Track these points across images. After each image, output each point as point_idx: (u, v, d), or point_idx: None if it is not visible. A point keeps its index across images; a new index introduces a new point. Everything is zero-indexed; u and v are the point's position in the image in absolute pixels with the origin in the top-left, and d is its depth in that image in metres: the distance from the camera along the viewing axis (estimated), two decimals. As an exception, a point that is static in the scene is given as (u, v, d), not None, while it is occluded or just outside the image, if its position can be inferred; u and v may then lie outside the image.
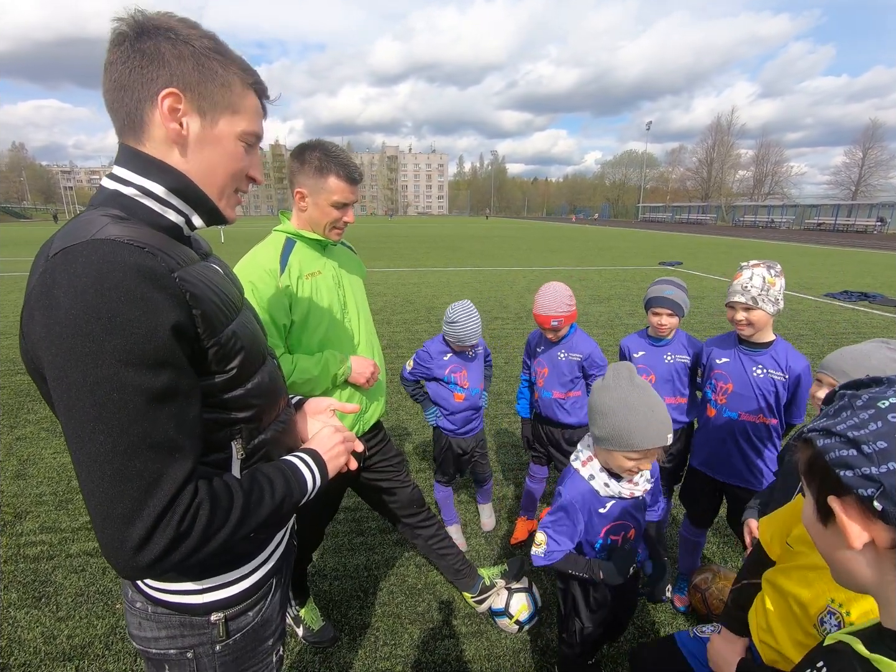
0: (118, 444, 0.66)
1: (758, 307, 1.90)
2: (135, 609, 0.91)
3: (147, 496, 0.67)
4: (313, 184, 1.63)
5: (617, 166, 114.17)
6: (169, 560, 0.69)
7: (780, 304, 1.92)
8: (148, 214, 0.80)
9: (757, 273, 1.92)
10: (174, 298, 0.71)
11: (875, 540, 0.53)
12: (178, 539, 0.69)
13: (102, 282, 0.65)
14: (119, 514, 0.66)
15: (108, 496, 0.66)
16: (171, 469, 0.69)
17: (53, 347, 0.65)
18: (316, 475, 0.93)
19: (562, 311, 2.28)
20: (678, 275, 12.83)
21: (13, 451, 3.68)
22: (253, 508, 0.80)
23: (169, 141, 0.80)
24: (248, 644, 0.96)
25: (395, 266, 14.47)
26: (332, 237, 1.74)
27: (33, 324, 0.67)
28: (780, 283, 1.92)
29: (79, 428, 0.66)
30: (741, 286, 1.93)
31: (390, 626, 2.18)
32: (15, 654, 2.02)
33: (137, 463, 0.67)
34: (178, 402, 0.71)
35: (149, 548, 0.67)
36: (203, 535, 0.72)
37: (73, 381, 0.65)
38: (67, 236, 0.70)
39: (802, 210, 47.97)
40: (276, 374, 0.99)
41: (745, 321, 1.95)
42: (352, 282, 1.88)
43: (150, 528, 0.67)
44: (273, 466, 0.89)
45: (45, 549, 2.63)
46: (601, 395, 1.44)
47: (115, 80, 0.77)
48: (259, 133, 0.89)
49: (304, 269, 1.68)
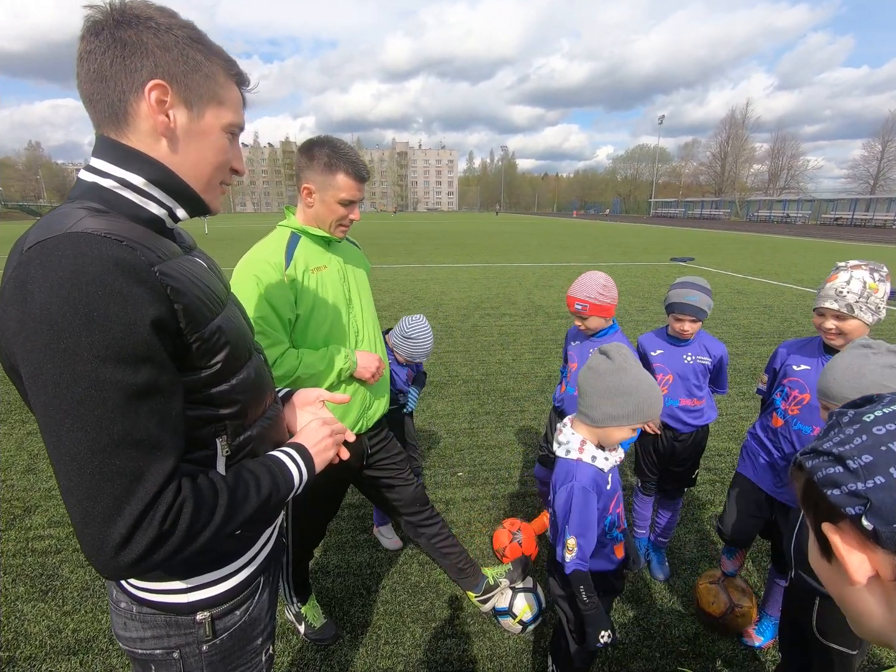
0: (97, 441, 0.64)
1: (853, 316, 1.66)
2: (119, 609, 0.90)
3: (128, 495, 0.66)
4: (322, 180, 1.62)
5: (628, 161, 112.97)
6: (152, 559, 0.68)
7: (882, 313, 1.69)
8: (128, 207, 0.78)
9: (857, 276, 1.67)
10: (154, 293, 0.69)
11: (879, 572, 0.47)
12: (161, 538, 0.68)
13: (79, 276, 0.63)
14: (99, 514, 0.65)
15: (87, 495, 0.65)
16: (152, 467, 0.68)
17: (28, 343, 0.64)
18: (303, 470, 0.91)
19: (589, 296, 2.12)
20: (690, 270, 12.66)
21: (24, 446, 3.73)
22: (238, 506, 0.78)
23: (156, 133, 0.78)
24: (235, 643, 0.95)
25: (405, 262, 14.45)
26: (338, 234, 1.73)
27: (7, 319, 0.65)
28: (884, 288, 1.67)
29: (56, 426, 0.64)
30: (835, 291, 1.68)
31: (392, 624, 2.17)
32: (21, 647, 2.04)
33: (117, 461, 0.65)
34: (158, 398, 0.70)
35: (130, 547, 0.66)
36: (187, 534, 0.71)
37: (49, 377, 0.63)
38: (42, 229, 0.68)
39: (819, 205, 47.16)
40: (262, 369, 0.97)
41: (835, 330, 1.71)
42: (357, 277, 1.87)
43: (131, 527, 0.66)
44: (258, 462, 0.87)
45: (52, 544, 2.66)
46: (620, 377, 1.44)
47: (95, 71, 0.74)
48: (242, 124, 0.88)
49: (309, 263, 1.67)
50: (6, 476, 3.31)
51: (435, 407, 4.45)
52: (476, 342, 6.40)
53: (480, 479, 3.34)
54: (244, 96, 0.89)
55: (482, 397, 4.68)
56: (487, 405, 4.51)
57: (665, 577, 2.45)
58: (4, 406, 4.42)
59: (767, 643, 2.08)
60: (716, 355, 2.27)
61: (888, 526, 0.45)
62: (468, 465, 3.51)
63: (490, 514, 2.95)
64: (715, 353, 2.27)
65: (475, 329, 7.01)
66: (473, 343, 6.36)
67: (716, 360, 2.29)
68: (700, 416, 2.32)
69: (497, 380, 5.11)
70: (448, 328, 7.04)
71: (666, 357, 2.30)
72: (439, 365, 5.53)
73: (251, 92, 0.90)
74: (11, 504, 3.00)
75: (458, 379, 5.14)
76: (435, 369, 5.38)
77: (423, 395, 4.71)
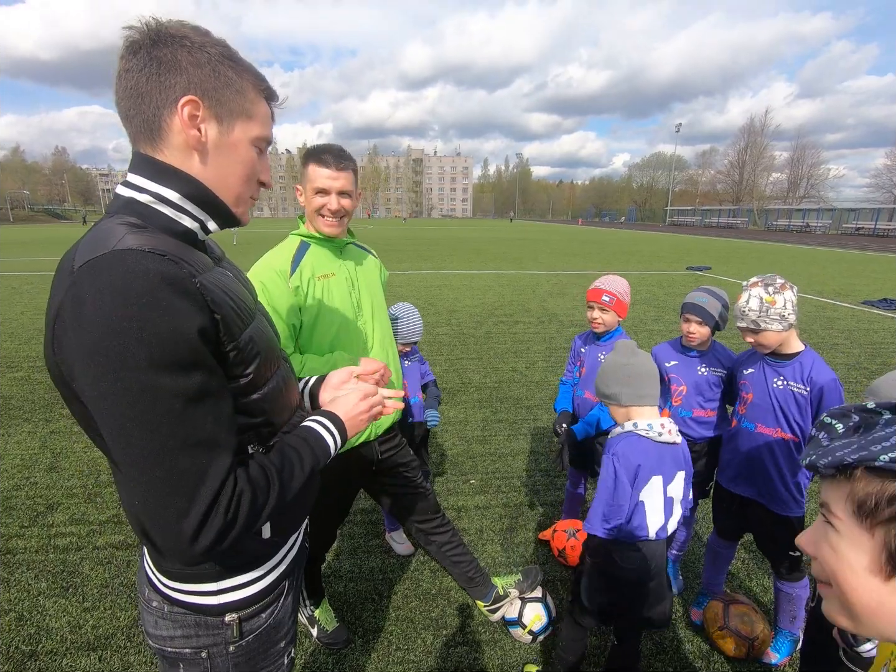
0: (165, 445, 0.70)
1: (762, 329, 1.83)
2: (151, 608, 0.93)
3: (196, 491, 0.72)
4: (302, 177, 1.75)
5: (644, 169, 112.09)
6: (222, 545, 0.75)
7: (792, 319, 1.82)
8: (163, 220, 0.81)
9: (753, 294, 1.84)
10: (197, 303, 0.73)
11: None
12: (227, 526, 0.74)
13: (128, 292, 0.67)
14: (173, 511, 0.71)
15: (160, 496, 0.71)
16: (213, 464, 0.74)
17: (88, 360, 0.67)
18: (336, 438, 0.97)
19: (618, 291, 2.34)
20: (707, 280, 12.52)
21: (47, 445, 3.83)
22: (287, 484, 0.85)
23: (188, 147, 0.81)
24: (260, 645, 0.98)
25: (419, 268, 14.53)
26: (323, 228, 1.73)
27: (66, 339, 0.69)
28: (782, 298, 1.81)
29: (126, 434, 0.69)
30: (739, 310, 1.87)
31: (404, 630, 2.18)
32: (43, 641, 2.09)
33: (183, 461, 0.71)
34: (212, 400, 0.75)
35: (203, 537, 0.72)
36: (248, 519, 0.77)
37: (112, 390, 0.67)
38: (88, 248, 0.71)
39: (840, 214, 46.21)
40: (289, 377, 1.00)
41: (755, 343, 1.90)
42: (369, 283, 1.90)
43: (201, 520, 0.72)
44: (297, 437, 0.92)
45: (73, 541, 2.72)
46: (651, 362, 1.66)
47: (132, 88, 0.77)
48: (269, 138, 0.91)
49: (316, 270, 1.72)
50: (30, 474, 3.40)
51: (447, 414, 4.46)
52: (489, 349, 6.40)
53: (493, 487, 3.34)
54: (273, 111, 0.92)
55: (495, 405, 4.68)
56: (500, 413, 4.51)
57: (679, 590, 2.43)
58: (29, 405, 4.54)
59: (783, 660, 2.05)
60: (730, 367, 2.24)
61: None
62: (480, 472, 3.52)
63: (502, 523, 2.95)
64: (729, 365, 2.24)
65: (488, 336, 7.02)
66: (486, 350, 6.36)
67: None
68: (711, 427, 2.30)
69: (510, 387, 5.11)
70: (461, 335, 7.06)
71: (680, 368, 2.30)
72: (452, 372, 5.55)
73: (279, 107, 0.94)
74: (35, 501, 3.08)
75: (470, 386, 5.15)
76: (448, 376, 5.39)
77: (436, 401, 4.73)
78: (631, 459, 1.56)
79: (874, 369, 5.58)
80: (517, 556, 2.68)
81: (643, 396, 1.62)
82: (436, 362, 5.82)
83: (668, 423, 1.61)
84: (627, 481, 1.55)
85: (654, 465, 1.57)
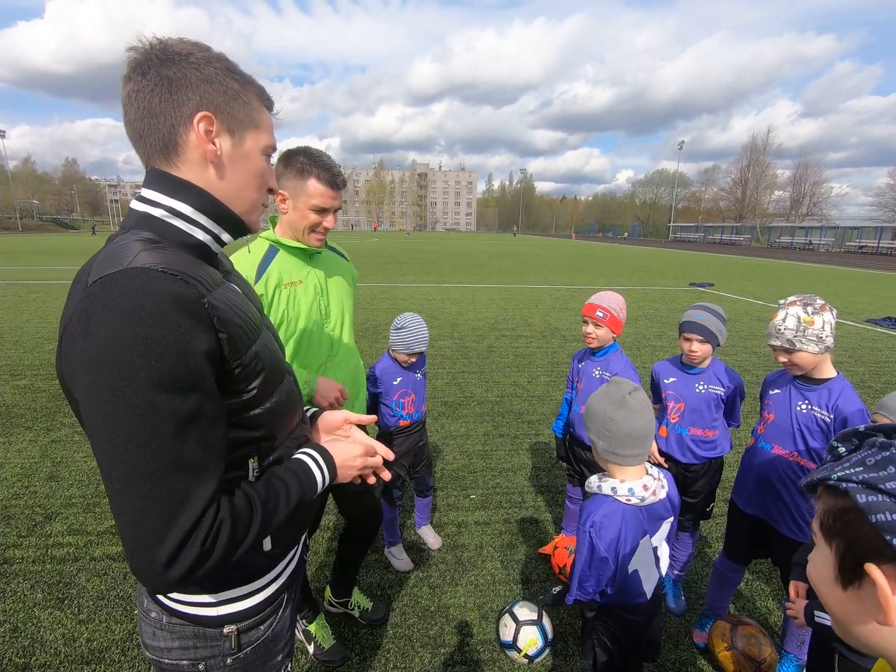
0: (150, 465, 0.69)
1: (797, 349, 1.78)
2: (150, 619, 0.93)
3: (176, 516, 0.70)
4: (293, 186, 1.64)
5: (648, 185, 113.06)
6: (195, 575, 0.73)
7: (829, 342, 1.76)
8: (177, 234, 0.83)
9: (791, 313, 1.79)
10: (203, 324, 0.74)
11: None
12: (203, 556, 0.72)
13: (139, 310, 0.68)
14: (149, 533, 0.69)
15: (139, 515, 0.69)
16: (197, 489, 0.72)
17: (91, 373, 0.68)
18: (326, 476, 0.95)
19: (612, 307, 2.33)
20: (710, 297, 12.53)
21: (48, 454, 3.82)
22: (270, 517, 0.83)
23: (205, 161, 0.83)
24: (258, 658, 0.97)
25: (422, 282, 14.59)
26: (312, 242, 1.72)
27: (71, 348, 0.70)
28: (821, 319, 1.75)
29: (113, 449, 0.69)
30: (775, 328, 1.82)
31: (401, 648, 2.15)
32: (36, 654, 2.06)
33: (168, 483, 0.70)
34: (205, 424, 0.74)
35: (176, 565, 0.70)
36: (225, 551, 0.75)
37: (107, 404, 0.68)
38: (104, 264, 0.73)
39: (843, 232, 46.36)
40: (293, 391, 1.01)
41: (788, 363, 1.85)
42: (339, 290, 1.88)
43: (177, 547, 0.69)
44: (287, 469, 0.90)
45: (71, 552, 2.70)
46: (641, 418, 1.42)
47: (144, 108, 0.79)
48: (276, 145, 0.94)
49: (283, 278, 1.69)
50: (29, 483, 3.39)
51: (449, 427, 4.45)
52: (491, 363, 6.40)
53: (493, 502, 3.31)
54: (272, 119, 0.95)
55: (497, 419, 4.66)
56: (502, 427, 4.49)
57: (681, 611, 2.39)
58: (31, 413, 4.54)
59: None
60: (729, 386, 2.23)
61: None
62: (481, 487, 3.49)
63: (502, 539, 2.92)
64: (728, 383, 2.24)
65: (491, 350, 7.01)
66: (489, 364, 6.36)
67: (729, 391, 2.25)
68: (713, 447, 2.29)
69: (512, 402, 5.10)
70: (464, 348, 7.06)
71: (678, 385, 2.29)
72: (454, 385, 5.54)
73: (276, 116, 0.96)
74: (33, 510, 3.07)
75: (472, 400, 5.13)
76: (450, 389, 5.38)
77: (437, 415, 4.72)
78: (611, 532, 1.41)
79: (878, 388, 5.55)
80: (517, 573, 2.65)
81: (624, 457, 1.43)
82: (438, 375, 5.82)
83: (652, 482, 1.45)
84: (608, 556, 1.40)
85: (638, 529, 1.44)
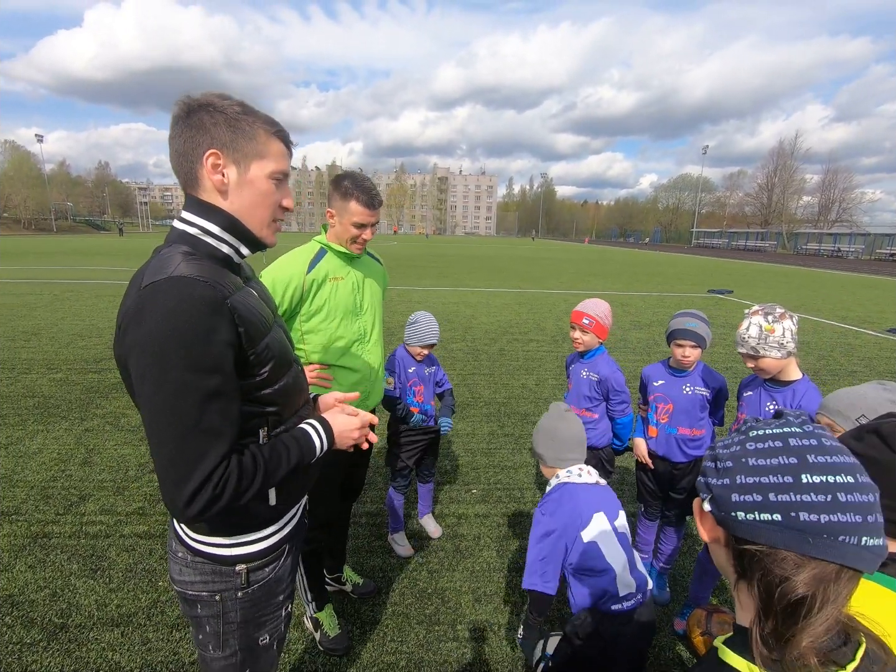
0: (179, 427, 0.91)
1: (761, 356, 1.94)
2: (177, 558, 1.14)
3: (194, 467, 0.92)
4: (340, 206, 1.98)
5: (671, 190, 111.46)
6: (210, 512, 0.94)
7: (790, 347, 1.92)
8: (208, 248, 1.05)
9: (754, 322, 1.95)
10: (226, 320, 0.96)
11: (719, 538, 0.66)
12: (214, 499, 0.94)
13: (177, 310, 0.90)
14: (175, 478, 0.92)
15: (168, 464, 0.92)
16: (214, 448, 0.93)
17: (140, 355, 0.91)
18: (324, 441, 1.16)
19: (597, 314, 2.48)
20: (728, 304, 12.44)
21: (82, 441, 4.13)
22: (272, 473, 1.04)
23: (216, 190, 1.04)
24: (263, 595, 1.18)
25: (439, 285, 14.81)
26: (353, 250, 2.07)
27: (127, 336, 0.93)
28: (781, 327, 1.90)
29: (153, 415, 0.91)
30: (740, 337, 1.99)
31: (399, 624, 2.33)
32: (73, 616, 2.31)
33: (192, 442, 0.92)
34: (224, 399, 0.95)
35: (195, 503, 0.92)
36: (232, 497, 0.97)
37: (152, 379, 0.90)
38: (153, 271, 0.95)
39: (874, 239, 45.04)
40: (299, 377, 1.22)
41: (755, 368, 2.00)
42: (372, 289, 2.22)
43: (194, 491, 0.91)
44: (290, 436, 1.11)
45: (102, 529, 2.96)
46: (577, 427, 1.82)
47: (176, 150, 1.03)
48: (285, 171, 1.10)
49: (330, 273, 2.04)
50: (65, 467, 3.69)
51: (455, 426, 4.62)
52: (501, 366, 6.55)
53: (494, 497, 3.47)
54: (289, 148, 1.12)
55: (502, 419, 4.82)
56: (507, 427, 4.65)
57: (665, 602, 2.51)
58: (66, 404, 4.87)
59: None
60: (714, 387, 2.37)
61: (720, 513, 0.64)
62: (483, 483, 3.66)
63: (500, 531, 3.08)
64: (713, 384, 2.37)
65: (501, 353, 7.17)
66: (498, 366, 6.51)
67: (713, 392, 2.38)
68: (700, 446, 2.41)
69: (518, 403, 5.25)
70: (475, 351, 7.23)
71: (666, 387, 2.43)
72: (463, 386, 5.71)
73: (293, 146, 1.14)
74: (69, 492, 3.35)
75: (480, 400, 5.30)
76: (458, 390, 5.56)
77: (446, 414, 4.89)
78: (563, 507, 1.68)
79: (890, 398, 5.51)
80: (511, 561, 2.81)
81: (565, 460, 1.78)
82: (448, 377, 5.97)
83: (587, 468, 1.78)
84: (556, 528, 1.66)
85: (589, 503, 1.67)
